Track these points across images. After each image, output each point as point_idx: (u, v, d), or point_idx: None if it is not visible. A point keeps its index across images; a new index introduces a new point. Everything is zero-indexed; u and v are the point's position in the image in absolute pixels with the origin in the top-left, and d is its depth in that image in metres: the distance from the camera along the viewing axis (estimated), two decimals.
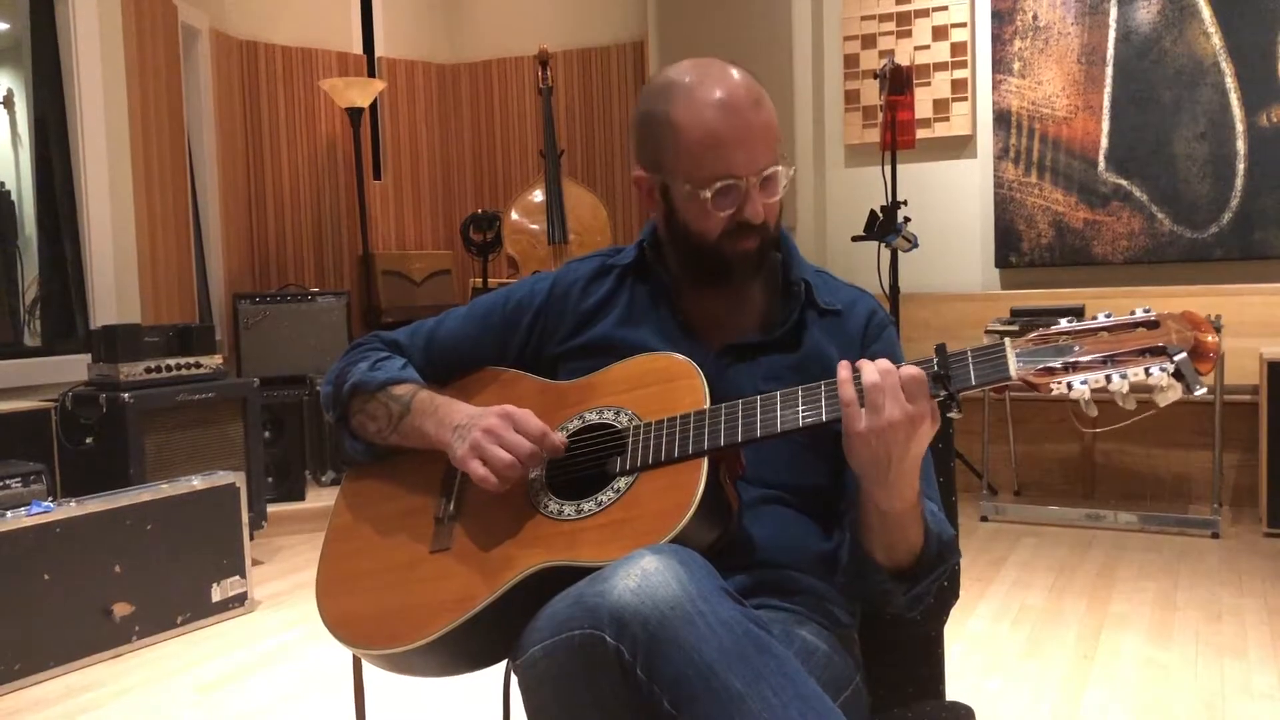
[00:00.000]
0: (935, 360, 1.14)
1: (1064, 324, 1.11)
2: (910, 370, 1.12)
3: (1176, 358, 1.05)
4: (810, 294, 1.41)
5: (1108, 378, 1.07)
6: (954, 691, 1.51)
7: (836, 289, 1.44)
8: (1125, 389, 1.07)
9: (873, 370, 1.13)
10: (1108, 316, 1.10)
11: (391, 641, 1.26)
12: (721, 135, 1.28)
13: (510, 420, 1.28)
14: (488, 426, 1.28)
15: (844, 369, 1.15)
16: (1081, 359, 1.09)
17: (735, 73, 1.31)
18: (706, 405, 1.25)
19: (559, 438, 1.29)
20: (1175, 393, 1.06)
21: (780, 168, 1.32)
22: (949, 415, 1.16)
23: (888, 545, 1.23)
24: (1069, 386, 1.08)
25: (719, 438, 1.21)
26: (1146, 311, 1.09)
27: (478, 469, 1.27)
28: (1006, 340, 1.12)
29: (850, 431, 1.13)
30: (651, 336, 1.40)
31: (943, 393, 1.13)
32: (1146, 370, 1.06)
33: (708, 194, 1.29)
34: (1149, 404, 1.09)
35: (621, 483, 1.24)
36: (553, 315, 1.46)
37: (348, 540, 1.42)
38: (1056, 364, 1.09)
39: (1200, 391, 1.04)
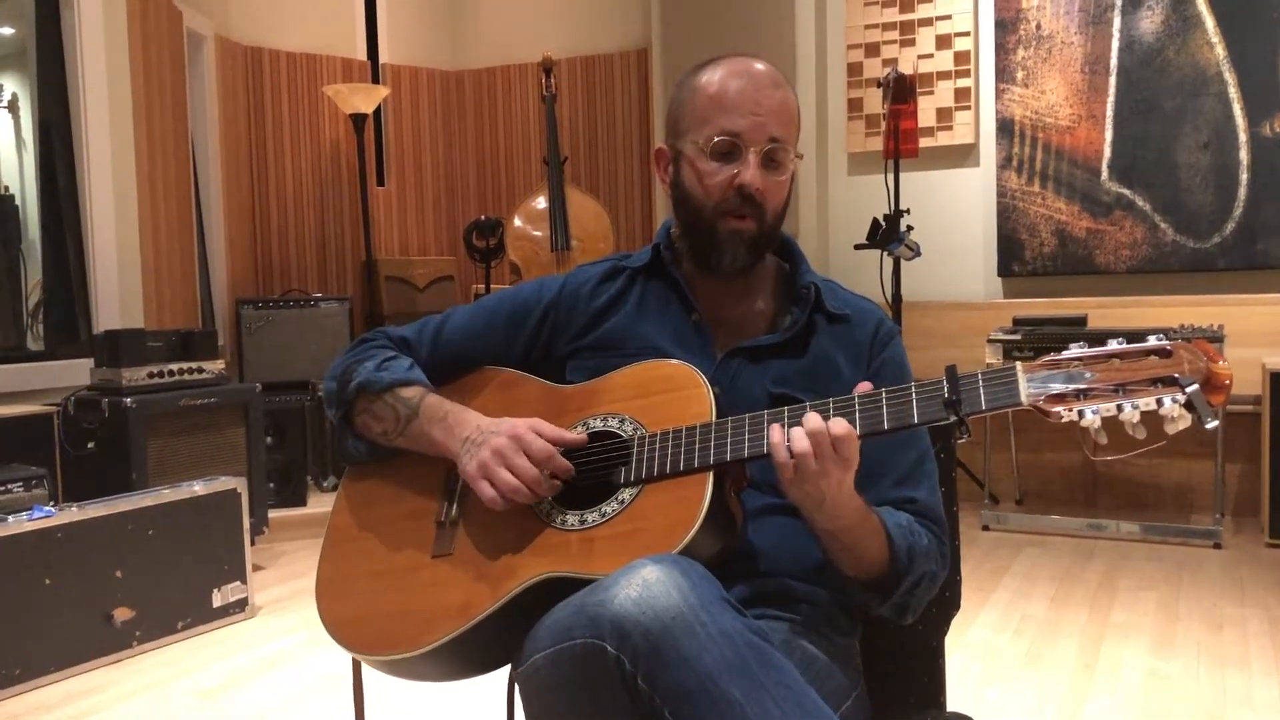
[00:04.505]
0: (945, 383, 1.14)
1: (1075, 350, 1.10)
2: (841, 427, 1.14)
3: (1189, 389, 1.04)
4: (819, 298, 1.41)
5: (1119, 407, 1.07)
6: (955, 702, 1.51)
7: (844, 297, 1.46)
8: (1136, 418, 1.07)
9: (801, 436, 1.15)
10: (1120, 342, 1.09)
11: (392, 647, 1.26)
12: (732, 96, 1.35)
13: (519, 443, 1.28)
14: (497, 448, 1.28)
15: (776, 432, 1.18)
16: (1093, 387, 1.08)
17: (763, 64, 1.39)
18: (712, 417, 1.25)
19: (565, 463, 1.28)
20: (1185, 423, 1.06)
21: (788, 146, 1.36)
22: (957, 440, 1.16)
23: (849, 560, 1.25)
24: (1080, 415, 1.08)
25: (725, 452, 1.21)
26: (1159, 339, 1.09)
27: (485, 490, 1.27)
28: (1018, 365, 1.11)
29: (786, 483, 1.17)
30: (661, 334, 1.40)
31: (952, 417, 1.12)
32: (1158, 401, 1.06)
33: (708, 146, 1.34)
34: (1157, 433, 1.09)
35: (626, 494, 1.24)
36: (563, 313, 1.46)
37: (348, 541, 1.42)
38: (1067, 390, 1.09)
39: (1212, 425, 1.03)
